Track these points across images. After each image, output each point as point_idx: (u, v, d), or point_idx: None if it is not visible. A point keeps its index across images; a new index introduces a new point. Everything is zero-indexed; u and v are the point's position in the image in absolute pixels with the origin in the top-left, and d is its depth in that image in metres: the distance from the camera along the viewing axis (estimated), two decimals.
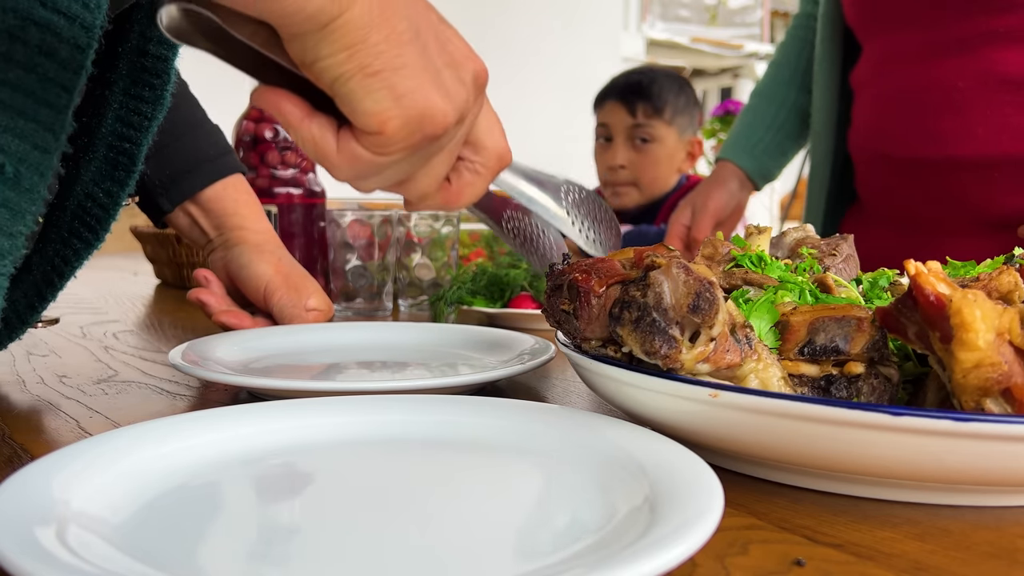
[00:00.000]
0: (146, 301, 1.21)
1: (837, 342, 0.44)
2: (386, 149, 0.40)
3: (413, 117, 0.39)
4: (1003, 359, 0.39)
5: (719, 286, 0.40)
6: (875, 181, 1.13)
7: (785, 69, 1.31)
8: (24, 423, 0.54)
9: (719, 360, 0.41)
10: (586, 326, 0.44)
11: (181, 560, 0.31)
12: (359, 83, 0.38)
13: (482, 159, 0.47)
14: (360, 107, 0.38)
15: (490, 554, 0.32)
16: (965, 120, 0.97)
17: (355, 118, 0.39)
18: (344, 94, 0.38)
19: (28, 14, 0.44)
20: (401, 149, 0.40)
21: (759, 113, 1.30)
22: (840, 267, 0.58)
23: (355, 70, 0.37)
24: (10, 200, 0.44)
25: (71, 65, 0.46)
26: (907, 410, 0.36)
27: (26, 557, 0.27)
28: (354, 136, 0.40)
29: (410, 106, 0.39)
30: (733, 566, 0.33)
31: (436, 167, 0.44)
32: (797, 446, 0.39)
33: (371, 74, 0.38)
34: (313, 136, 0.40)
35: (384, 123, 0.39)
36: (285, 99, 0.40)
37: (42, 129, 0.45)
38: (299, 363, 0.70)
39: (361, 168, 0.41)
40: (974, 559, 0.34)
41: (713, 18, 6.15)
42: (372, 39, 0.37)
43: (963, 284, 0.45)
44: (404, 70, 0.38)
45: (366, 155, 0.40)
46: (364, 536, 0.34)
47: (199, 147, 0.86)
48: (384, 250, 1.02)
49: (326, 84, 0.39)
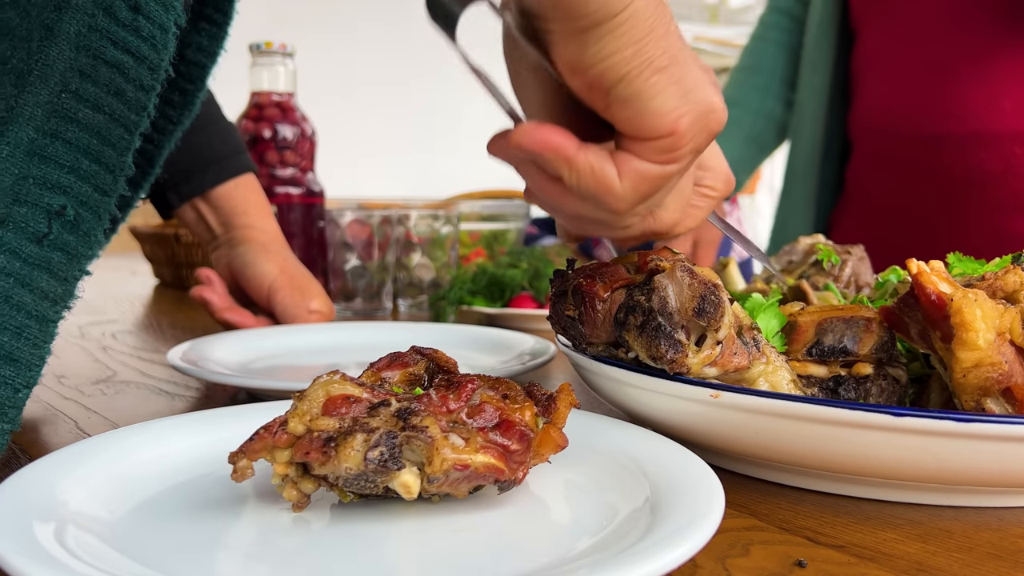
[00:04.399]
0: (145, 301, 1.21)
1: (845, 343, 0.44)
2: (676, 154, 0.36)
3: (703, 112, 0.36)
4: (1003, 359, 0.38)
5: (724, 288, 0.40)
6: (878, 166, 1.09)
7: (757, 75, 1.24)
8: (23, 423, 0.54)
9: (726, 363, 0.40)
10: (591, 331, 0.43)
11: (179, 561, 0.31)
12: (647, 80, 0.34)
13: (711, 180, 0.45)
14: (650, 106, 0.35)
15: (490, 555, 0.32)
16: (993, 91, 0.92)
17: (644, 121, 0.35)
18: (630, 95, 0.35)
19: (100, 53, 0.43)
20: (690, 152, 0.37)
21: (734, 124, 1.22)
22: (857, 264, 0.59)
23: (643, 65, 0.34)
24: (68, 244, 0.43)
25: (136, 106, 0.45)
26: (908, 411, 0.36)
27: (25, 557, 0.27)
28: (635, 152, 0.36)
29: (700, 100, 0.36)
30: (734, 567, 0.33)
31: (685, 188, 0.41)
32: (798, 447, 0.39)
33: (659, 69, 0.34)
34: (591, 166, 0.36)
35: (677, 120, 0.35)
36: (555, 132, 0.35)
37: (104, 171, 0.44)
38: (298, 363, 0.70)
39: (647, 188, 0.37)
40: (976, 560, 0.34)
41: (714, 17, 6.15)
42: (658, 31, 0.34)
43: (968, 283, 0.45)
44: (688, 64, 0.35)
45: (654, 170, 0.36)
46: (363, 535, 0.34)
47: (213, 144, 0.86)
48: (384, 250, 1.02)
49: (607, 87, 0.35)
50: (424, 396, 0.35)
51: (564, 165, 0.36)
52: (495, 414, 0.35)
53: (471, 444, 0.33)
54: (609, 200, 0.37)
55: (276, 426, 0.34)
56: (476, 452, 0.33)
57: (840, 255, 0.59)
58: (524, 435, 0.35)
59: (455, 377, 0.37)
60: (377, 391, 0.35)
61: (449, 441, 0.33)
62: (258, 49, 1.08)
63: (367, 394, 0.35)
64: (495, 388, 0.36)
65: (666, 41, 0.34)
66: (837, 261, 0.57)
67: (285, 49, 1.09)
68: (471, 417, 0.35)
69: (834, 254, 0.58)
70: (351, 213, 1.02)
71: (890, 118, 1.05)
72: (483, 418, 0.35)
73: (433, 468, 0.33)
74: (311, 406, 0.34)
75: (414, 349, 0.40)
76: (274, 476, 0.35)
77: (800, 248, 0.63)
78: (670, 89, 0.35)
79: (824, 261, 0.59)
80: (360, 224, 1.01)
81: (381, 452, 0.32)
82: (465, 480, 0.34)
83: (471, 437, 0.34)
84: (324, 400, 0.34)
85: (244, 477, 0.34)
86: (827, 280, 0.59)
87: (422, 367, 0.39)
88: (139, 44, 0.44)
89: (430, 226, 1.06)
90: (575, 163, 0.36)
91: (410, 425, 0.33)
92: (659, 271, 0.40)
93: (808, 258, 0.61)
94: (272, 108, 1.09)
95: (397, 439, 0.33)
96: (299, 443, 0.33)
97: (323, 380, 0.35)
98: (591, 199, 0.37)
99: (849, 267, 0.59)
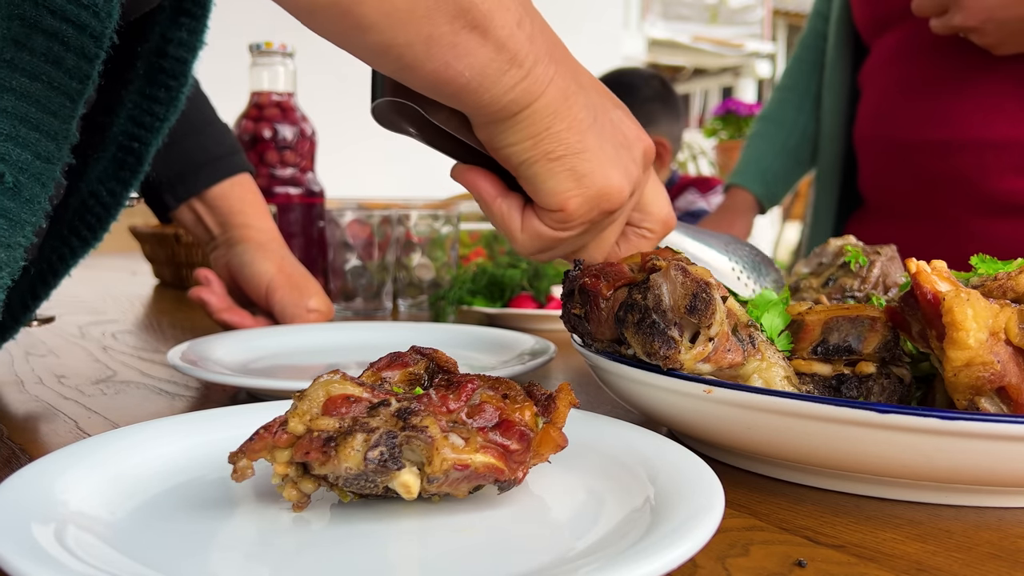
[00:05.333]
0: (145, 301, 1.21)
1: (850, 341, 0.44)
2: (567, 225, 0.44)
3: (592, 195, 0.43)
4: (996, 358, 0.38)
5: (717, 287, 0.40)
6: (878, 170, 1.16)
7: (793, 94, 1.32)
8: (22, 423, 0.54)
9: (720, 360, 0.41)
10: (596, 328, 0.45)
11: (179, 560, 0.31)
12: (543, 167, 0.42)
13: (649, 224, 0.51)
14: (544, 187, 0.43)
15: (490, 555, 0.32)
16: (964, 104, 1.02)
17: (539, 197, 0.43)
18: (529, 176, 0.43)
19: (36, 22, 0.43)
20: (580, 224, 0.44)
21: (768, 138, 1.32)
22: (886, 264, 0.59)
23: (540, 155, 0.42)
24: (9, 211, 0.44)
25: (78, 74, 0.45)
26: (893, 408, 0.36)
27: (24, 557, 0.27)
28: (536, 214, 0.45)
29: (590, 185, 0.43)
30: (734, 567, 0.33)
31: (608, 237, 0.48)
32: (788, 442, 0.39)
33: (554, 159, 0.42)
34: (502, 213, 0.45)
35: (566, 201, 0.43)
36: (481, 178, 0.45)
37: (45, 139, 0.45)
38: (298, 363, 0.70)
39: (542, 243, 0.46)
40: (976, 560, 0.34)
41: (714, 17, 6.15)
42: (555, 128, 0.41)
43: (979, 283, 0.45)
44: (584, 154, 0.42)
45: (548, 232, 0.45)
46: (363, 535, 0.34)
47: (207, 145, 0.86)
48: (384, 250, 1.02)
49: (512, 167, 0.43)
50: (424, 396, 0.35)
51: (484, 206, 0.46)
52: (495, 414, 0.35)
53: (471, 444, 0.33)
54: (512, 241, 0.46)
55: (276, 426, 0.34)
56: (476, 452, 0.33)
57: (869, 256, 0.59)
58: (524, 435, 0.35)
59: (455, 377, 0.37)
60: (377, 391, 0.35)
61: (449, 441, 0.33)
62: (258, 49, 1.08)
63: (367, 394, 0.35)
64: (495, 388, 0.36)
65: (566, 135, 0.42)
66: (865, 262, 0.57)
67: (285, 49, 1.09)
68: (471, 417, 0.35)
69: (862, 255, 0.58)
70: (351, 213, 1.02)
71: (884, 125, 1.12)
72: (483, 418, 0.35)
73: (433, 468, 0.33)
74: (311, 406, 0.34)
75: (414, 349, 0.40)
76: (274, 476, 0.35)
77: (830, 250, 0.63)
78: (561, 175, 0.42)
79: (852, 262, 0.59)
80: (360, 224, 1.01)
81: (381, 452, 0.32)
82: (465, 480, 0.34)
83: (471, 437, 0.34)
84: (324, 400, 0.34)
85: (244, 477, 0.34)
86: (854, 281, 0.59)
87: (422, 367, 0.39)
88: (79, 12, 0.43)
89: (430, 226, 1.06)
90: (491, 208, 0.46)
91: (410, 425, 0.33)
92: (656, 270, 0.41)
93: (837, 260, 0.61)
94: (272, 108, 1.09)
95: (397, 439, 0.33)
96: (299, 443, 0.33)
97: (323, 380, 0.35)
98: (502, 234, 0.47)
99: (877, 267, 0.58)
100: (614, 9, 3.83)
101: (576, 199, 0.43)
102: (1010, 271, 0.45)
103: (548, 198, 0.43)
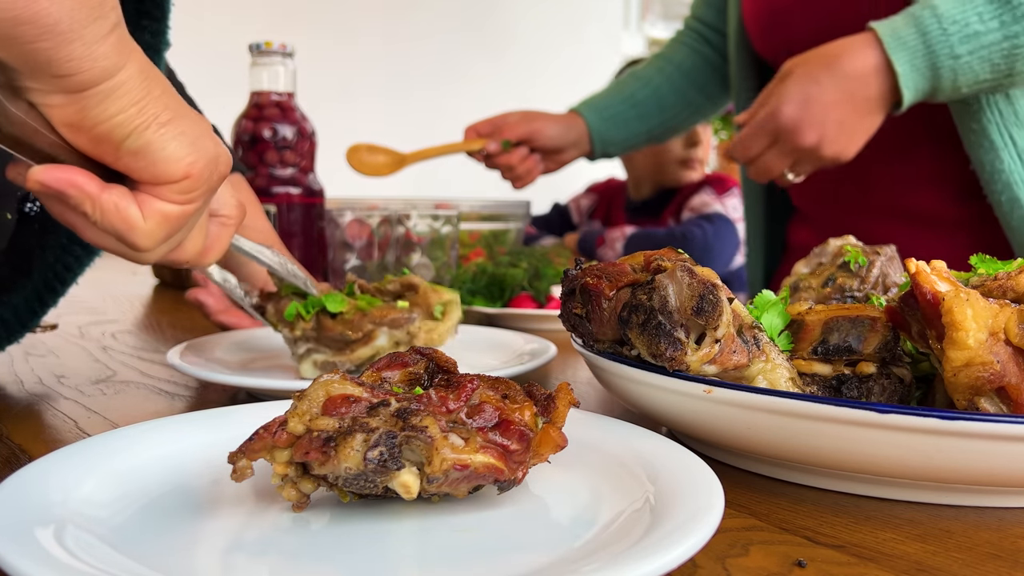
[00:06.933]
0: (144, 301, 1.21)
1: (850, 341, 0.44)
2: (194, 194, 0.41)
3: (211, 158, 0.41)
4: (996, 359, 0.38)
5: (723, 288, 0.40)
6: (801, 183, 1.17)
7: (666, 63, 1.33)
8: (22, 423, 0.54)
9: (725, 361, 0.41)
10: (598, 329, 0.44)
11: (179, 561, 0.31)
12: (155, 133, 0.38)
13: (227, 210, 0.50)
14: (161, 156, 0.39)
15: (490, 555, 0.32)
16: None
17: (157, 169, 0.39)
18: (140, 148, 0.38)
19: None
20: (204, 193, 0.41)
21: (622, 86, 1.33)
22: (885, 264, 0.59)
23: (149, 121, 0.38)
24: None
25: None
26: (893, 408, 0.36)
27: (24, 557, 0.27)
28: (155, 194, 0.40)
29: (206, 148, 0.40)
30: (734, 567, 0.33)
31: (203, 223, 0.46)
32: (788, 442, 0.39)
33: (165, 123, 0.39)
34: (116, 205, 0.39)
35: (191, 165, 0.40)
36: (77, 172, 0.38)
37: None
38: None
39: (170, 226, 0.41)
40: (976, 560, 0.34)
41: None
42: (155, 91, 0.38)
43: (979, 283, 0.45)
44: (188, 118, 0.40)
45: (175, 209, 0.41)
46: (363, 535, 0.34)
47: None
48: (383, 250, 1.02)
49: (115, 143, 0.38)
50: (424, 396, 0.35)
51: (87, 203, 0.39)
52: (495, 414, 0.35)
53: (471, 444, 0.33)
54: (134, 237, 0.40)
55: (276, 426, 0.34)
56: (476, 452, 0.33)
57: (868, 256, 0.59)
58: (524, 435, 0.35)
59: (455, 377, 0.37)
60: (377, 391, 0.35)
61: (449, 441, 0.33)
62: (258, 49, 1.08)
63: (367, 394, 0.35)
64: (495, 388, 0.36)
65: (165, 98, 0.39)
66: (864, 262, 0.57)
67: (285, 49, 1.09)
68: (471, 417, 0.35)
69: (861, 255, 0.58)
70: (351, 213, 1.02)
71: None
72: (483, 418, 0.35)
73: (433, 468, 0.33)
74: (311, 406, 0.34)
75: (414, 349, 0.40)
76: (274, 476, 0.35)
77: (829, 250, 0.63)
78: (178, 139, 0.39)
79: (851, 262, 0.59)
80: (360, 224, 1.01)
81: (381, 452, 0.32)
82: (465, 480, 0.34)
83: (471, 437, 0.34)
84: (324, 400, 0.34)
85: (244, 477, 0.34)
86: (854, 281, 0.59)
87: (422, 367, 0.39)
88: None
89: (430, 226, 1.06)
90: (99, 202, 0.39)
91: (410, 425, 0.33)
92: (661, 271, 0.41)
93: (836, 260, 0.61)
94: (272, 108, 1.09)
95: (397, 439, 0.33)
96: (299, 443, 0.33)
97: (323, 380, 0.35)
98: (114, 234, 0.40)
99: (877, 268, 0.58)
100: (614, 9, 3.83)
101: (199, 162, 0.40)
102: (1010, 271, 0.45)
103: (169, 166, 0.39)
